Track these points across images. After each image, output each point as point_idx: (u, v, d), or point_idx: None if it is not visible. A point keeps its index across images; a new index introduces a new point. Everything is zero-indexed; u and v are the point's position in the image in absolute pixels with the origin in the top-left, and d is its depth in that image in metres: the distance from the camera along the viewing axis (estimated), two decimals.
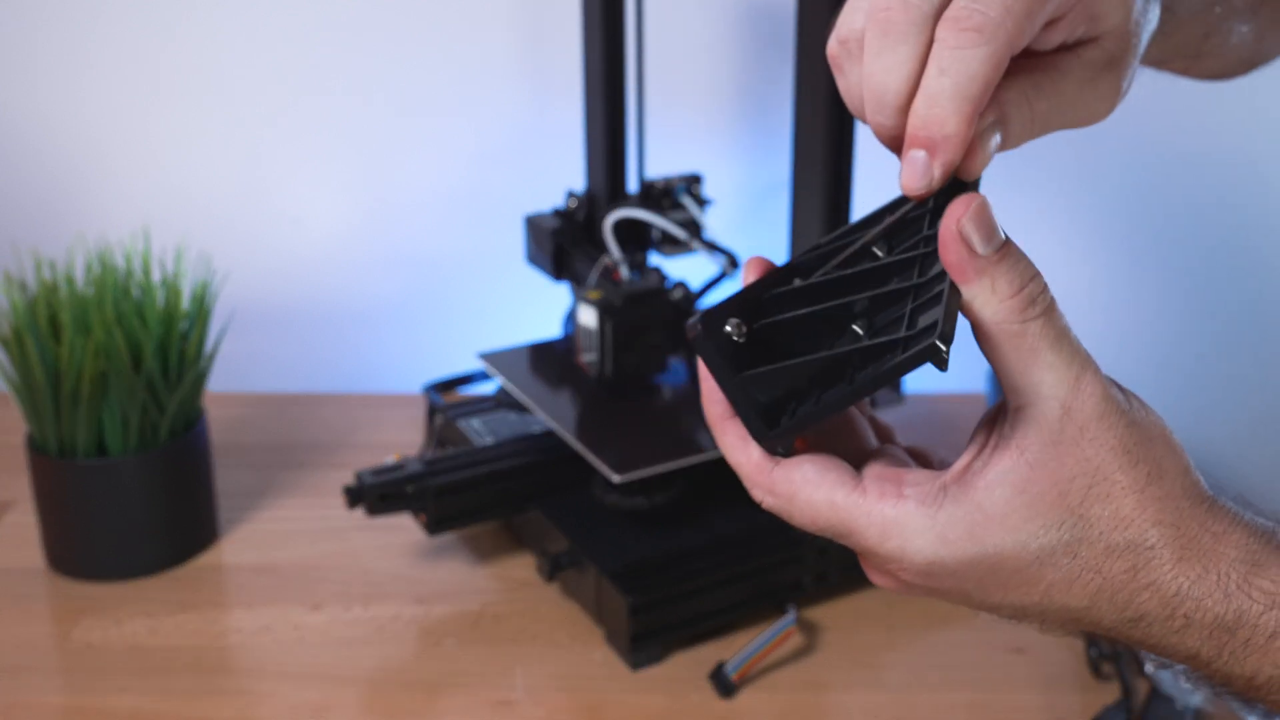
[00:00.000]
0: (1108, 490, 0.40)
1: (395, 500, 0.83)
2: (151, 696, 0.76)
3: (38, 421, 0.84)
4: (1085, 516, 0.40)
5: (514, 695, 0.76)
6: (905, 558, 0.41)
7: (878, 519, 0.41)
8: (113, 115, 1.14)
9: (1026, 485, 0.40)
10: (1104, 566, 0.40)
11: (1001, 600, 0.42)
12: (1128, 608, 0.41)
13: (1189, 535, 0.41)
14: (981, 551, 0.40)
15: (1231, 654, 0.41)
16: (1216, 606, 0.40)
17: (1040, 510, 0.40)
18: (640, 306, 0.86)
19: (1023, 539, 0.40)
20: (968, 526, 0.40)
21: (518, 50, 1.12)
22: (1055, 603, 0.41)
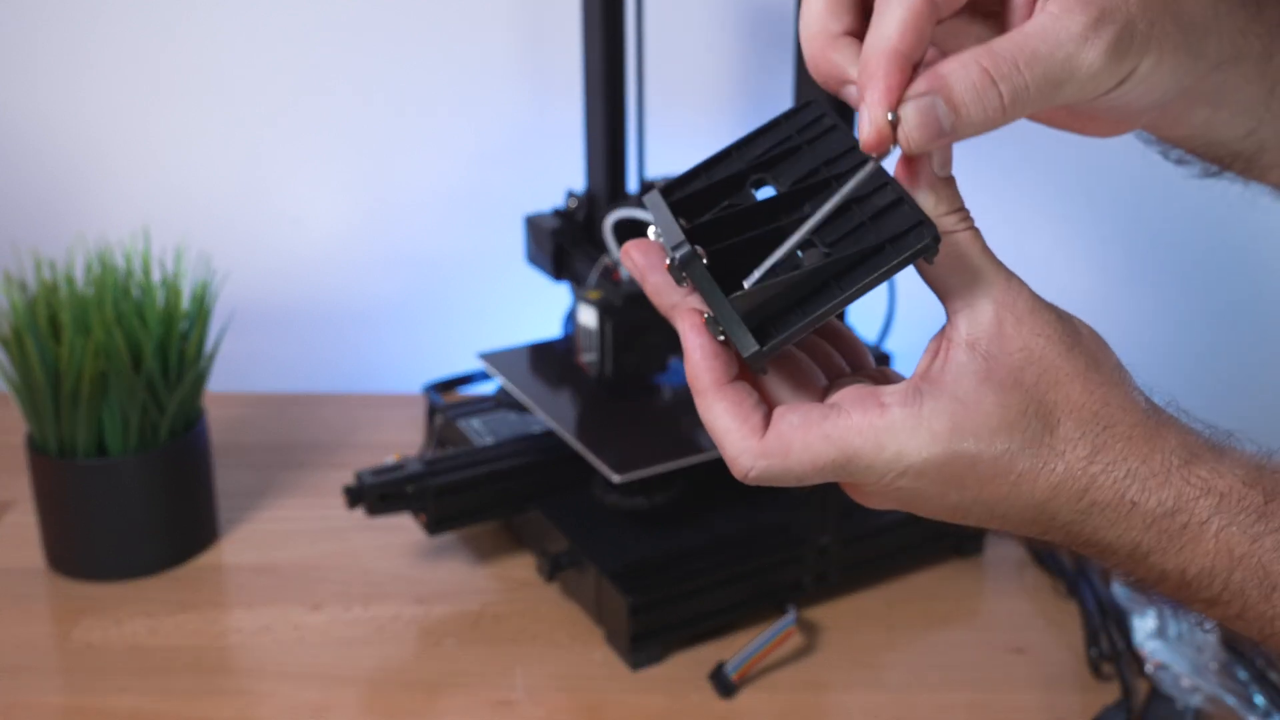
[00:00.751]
0: (1055, 378, 0.43)
1: (395, 500, 0.83)
2: (151, 696, 0.76)
3: (38, 421, 0.84)
4: (1044, 402, 0.43)
5: (514, 695, 0.76)
6: (903, 460, 0.43)
7: (870, 432, 0.42)
8: (113, 115, 1.14)
9: (988, 374, 0.42)
10: (1066, 452, 0.43)
11: (975, 496, 0.44)
12: (1084, 496, 0.43)
13: (1135, 418, 0.43)
14: (963, 443, 0.42)
15: (1169, 541, 0.43)
16: (1160, 490, 0.42)
17: (1005, 398, 0.42)
18: (640, 306, 0.86)
19: (996, 428, 0.42)
20: (950, 417, 0.42)
21: (518, 50, 1.12)
22: (1020, 496, 0.43)
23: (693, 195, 0.46)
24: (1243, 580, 0.42)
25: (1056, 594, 0.85)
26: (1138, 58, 0.43)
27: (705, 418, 0.44)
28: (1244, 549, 0.42)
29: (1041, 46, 0.41)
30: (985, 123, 0.42)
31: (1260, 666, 0.76)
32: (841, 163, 0.45)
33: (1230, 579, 0.42)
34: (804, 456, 0.43)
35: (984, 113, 0.41)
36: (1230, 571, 0.42)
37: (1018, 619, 0.84)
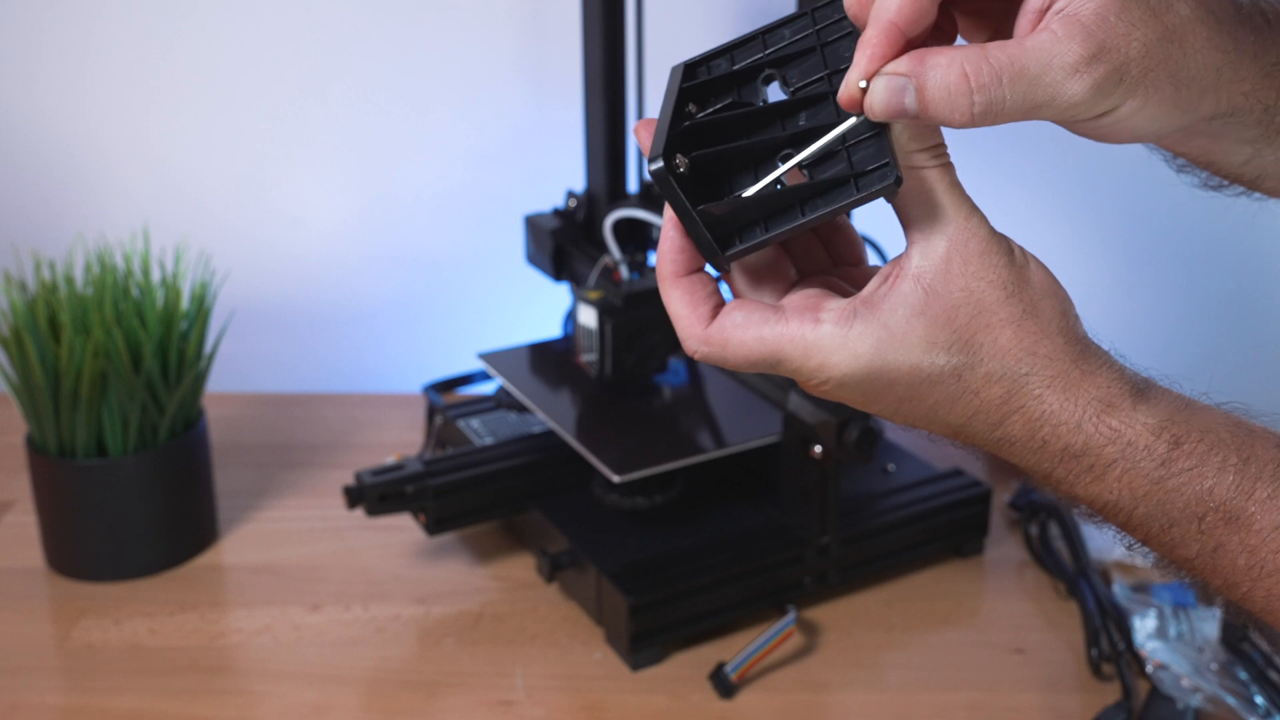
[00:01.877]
0: (988, 321, 0.45)
1: (395, 500, 0.83)
2: (151, 696, 0.76)
3: (37, 422, 0.84)
4: (970, 343, 0.45)
5: (514, 695, 0.76)
6: (824, 372, 0.46)
7: (800, 341, 0.46)
8: (113, 115, 1.14)
9: (924, 308, 0.45)
10: (982, 390, 0.46)
11: (895, 409, 0.48)
12: (998, 428, 0.46)
13: (1058, 368, 0.46)
14: (884, 365, 0.46)
15: (1078, 478, 0.46)
16: (1069, 435, 0.46)
17: (934, 332, 0.45)
18: (640, 306, 0.85)
19: (917, 358, 0.46)
20: (874, 343, 0.45)
21: (518, 50, 1.12)
22: (939, 417, 0.47)
23: (709, 82, 0.48)
24: (1145, 515, 0.46)
25: (1056, 594, 0.85)
26: (1122, 99, 0.44)
27: (665, 302, 0.48)
28: (1145, 489, 0.45)
29: (1032, 66, 0.43)
30: (948, 122, 0.43)
31: (1260, 666, 0.76)
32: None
33: (1134, 513, 0.46)
34: (739, 351, 0.47)
35: (949, 113, 0.43)
36: (1134, 507, 0.46)
37: (1018, 619, 0.83)
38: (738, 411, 0.87)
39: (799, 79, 0.48)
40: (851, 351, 0.46)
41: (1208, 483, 0.45)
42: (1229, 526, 0.45)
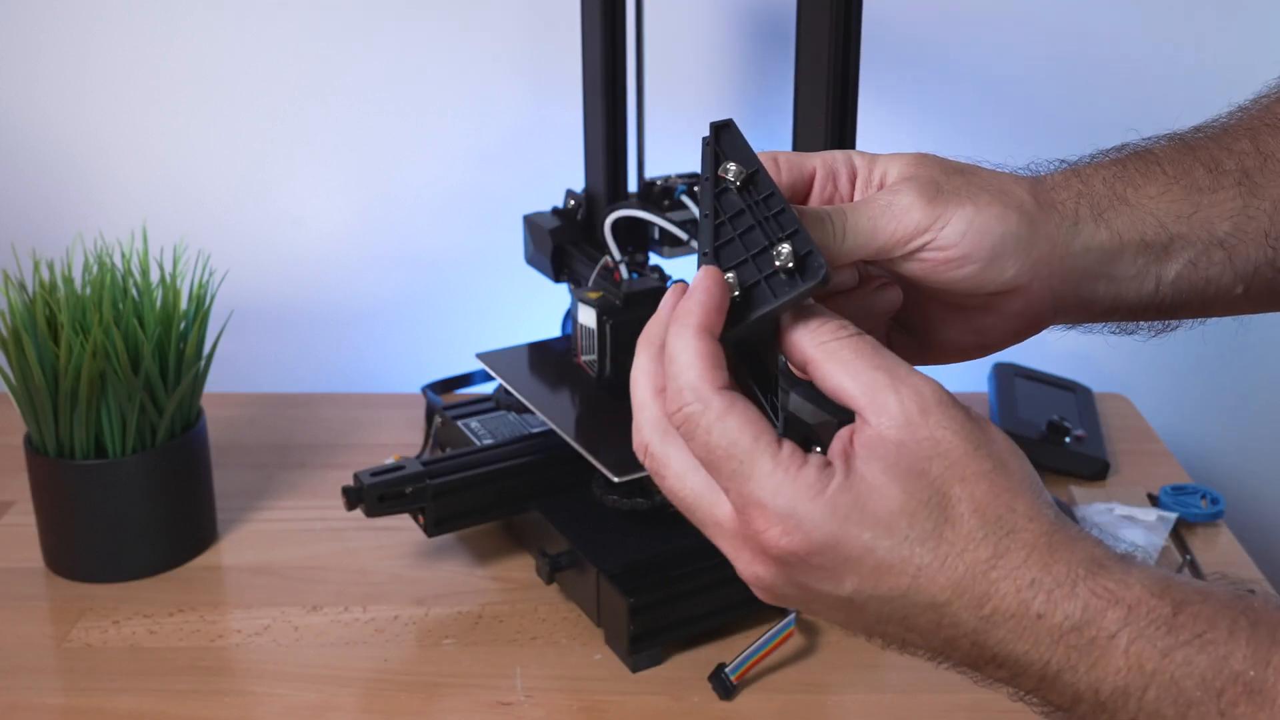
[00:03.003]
0: (961, 473, 0.43)
1: (394, 501, 0.83)
2: (150, 697, 0.75)
3: (36, 422, 0.84)
4: (947, 495, 0.42)
5: (514, 696, 0.75)
6: (794, 517, 0.43)
7: (779, 477, 0.43)
8: (113, 115, 1.14)
9: (896, 459, 0.43)
10: (966, 551, 0.42)
11: (872, 590, 0.43)
12: (985, 603, 0.42)
13: (1040, 529, 0.42)
14: (862, 525, 0.42)
15: (1079, 658, 0.41)
16: (1065, 602, 0.41)
17: (909, 485, 0.42)
18: (640, 306, 0.85)
19: (898, 510, 0.42)
20: (852, 496, 0.42)
21: (518, 50, 1.12)
22: (921, 594, 0.42)
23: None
24: (1157, 699, 0.40)
25: None
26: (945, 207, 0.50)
27: (676, 348, 0.46)
28: (1154, 664, 0.40)
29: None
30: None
31: None
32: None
33: (1145, 698, 0.40)
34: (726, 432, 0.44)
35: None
36: (1144, 690, 0.40)
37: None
38: None
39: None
40: (829, 502, 0.42)
41: (1221, 650, 0.39)
42: (1251, 702, 0.39)
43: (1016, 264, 0.51)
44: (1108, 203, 0.53)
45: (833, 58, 0.70)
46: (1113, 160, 0.56)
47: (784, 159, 0.52)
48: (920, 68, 1.13)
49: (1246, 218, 0.54)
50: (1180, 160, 0.55)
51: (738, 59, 1.13)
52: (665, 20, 1.02)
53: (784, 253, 0.46)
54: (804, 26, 0.71)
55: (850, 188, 0.53)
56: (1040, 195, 0.52)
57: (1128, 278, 0.54)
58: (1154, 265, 0.54)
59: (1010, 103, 1.14)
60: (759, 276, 0.46)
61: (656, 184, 0.93)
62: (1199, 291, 0.55)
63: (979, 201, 0.50)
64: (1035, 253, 0.51)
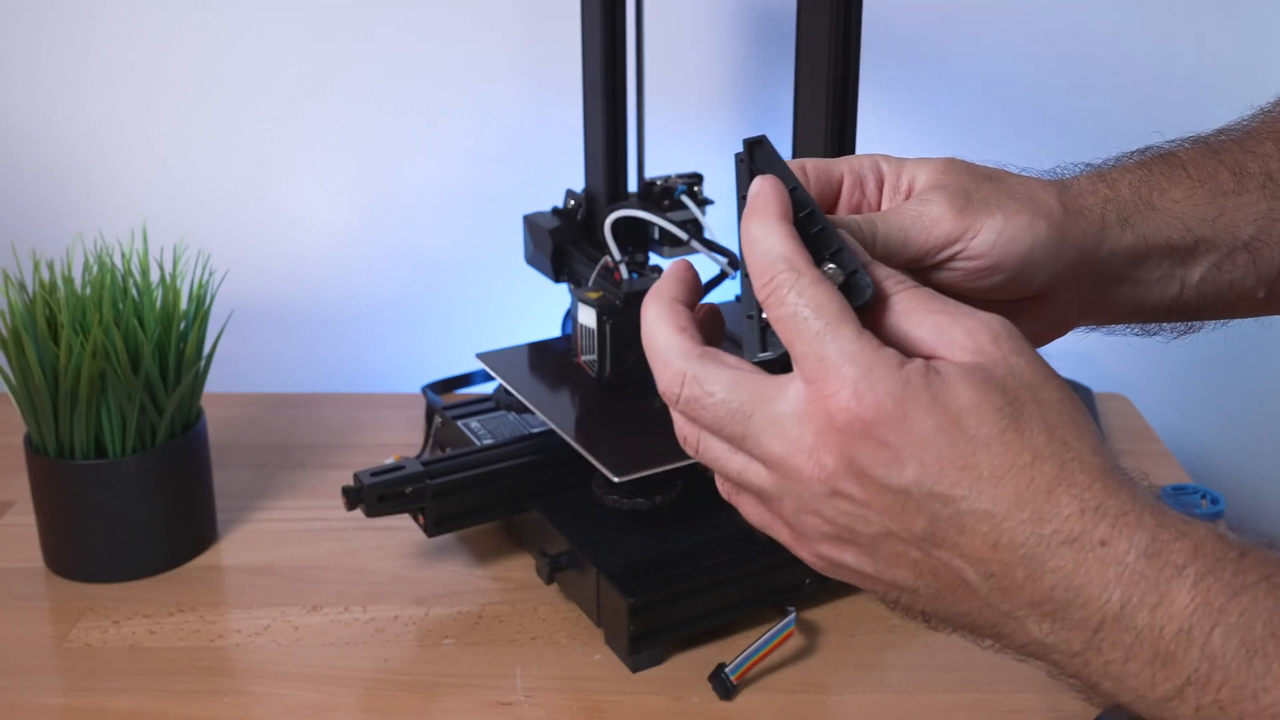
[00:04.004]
0: (1035, 394, 0.42)
1: (394, 501, 0.83)
2: (150, 697, 0.75)
3: (36, 422, 0.84)
4: (1020, 409, 0.42)
5: (514, 696, 0.75)
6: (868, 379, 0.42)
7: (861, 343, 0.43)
8: (113, 115, 1.14)
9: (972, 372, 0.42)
10: (1032, 465, 0.41)
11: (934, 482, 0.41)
12: (1046, 521, 0.40)
13: (1104, 463, 0.42)
14: (934, 400, 0.41)
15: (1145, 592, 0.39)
16: (1131, 531, 0.40)
17: (984, 390, 0.42)
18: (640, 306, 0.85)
19: (969, 404, 0.41)
20: (927, 381, 0.42)
21: (518, 50, 1.12)
22: (981, 499, 0.41)
23: None
24: (1223, 644, 0.38)
25: None
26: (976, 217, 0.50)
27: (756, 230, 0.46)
28: (1222, 601, 0.38)
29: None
30: None
31: None
32: None
33: (1209, 642, 0.38)
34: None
35: None
36: (1210, 631, 0.38)
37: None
38: None
39: None
40: (905, 377, 0.42)
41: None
42: None
43: (1045, 272, 0.51)
44: (1134, 208, 0.54)
45: (833, 58, 0.70)
46: (1138, 164, 0.56)
47: (812, 166, 0.52)
48: (920, 68, 1.13)
49: (1271, 220, 0.55)
50: (1205, 164, 0.56)
51: (738, 59, 1.13)
52: (665, 20, 1.02)
53: (829, 271, 0.45)
54: (804, 26, 0.71)
55: (878, 194, 0.53)
56: (1068, 202, 0.53)
57: (1152, 281, 0.54)
58: (1179, 269, 0.54)
59: (1010, 103, 1.14)
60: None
61: (656, 184, 0.93)
62: (1222, 294, 0.55)
63: (1008, 210, 0.50)
64: (1063, 260, 0.51)
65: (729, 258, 0.89)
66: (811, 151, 0.73)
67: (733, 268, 0.89)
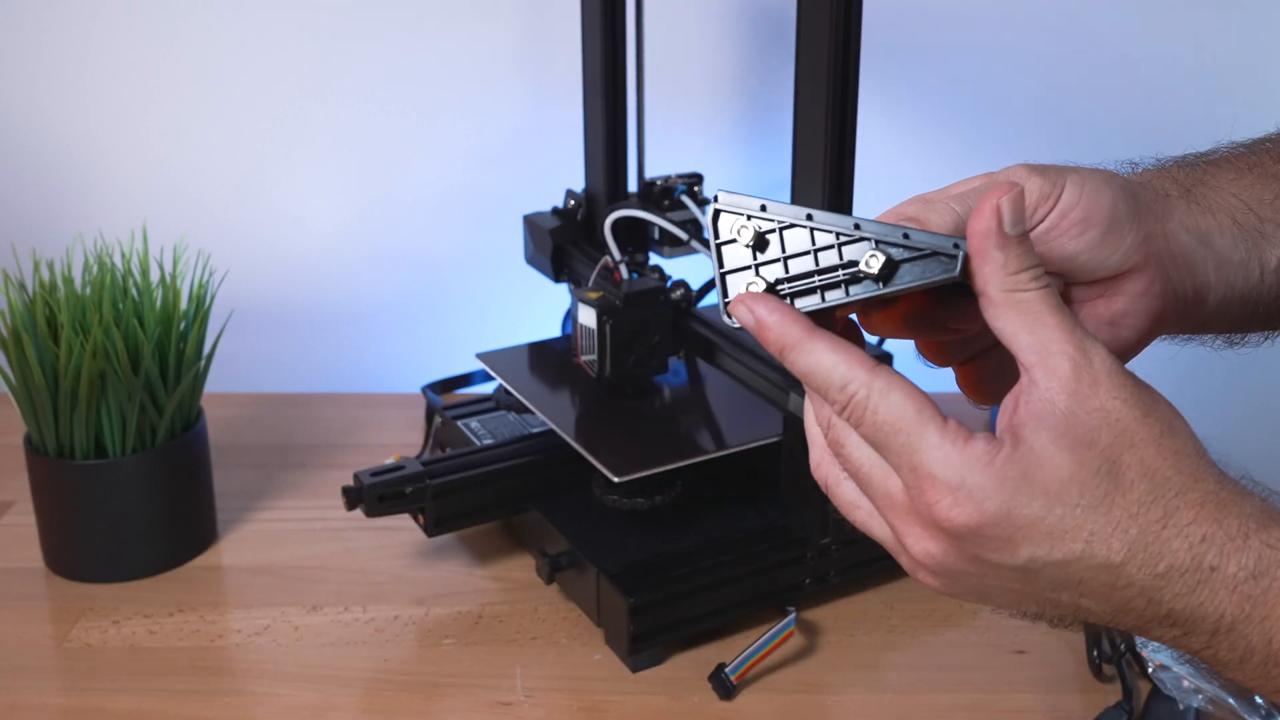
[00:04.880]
0: (1130, 440, 0.43)
1: (394, 501, 0.83)
2: (150, 697, 0.75)
3: (36, 422, 0.84)
4: (1117, 463, 0.43)
5: (514, 696, 0.75)
6: (964, 488, 0.43)
7: (947, 448, 0.44)
8: (113, 115, 1.14)
9: (1065, 430, 0.43)
10: (1139, 514, 0.43)
11: (1047, 555, 0.43)
12: (1159, 560, 0.43)
13: (1208, 487, 0.43)
14: (1032, 489, 0.43)
15: (1254, 608, 0.42)
16: (1239, 554, 0.42)
17: (1080, 454, 0.43)
18: (640, 306, 0.85)
19: (1068, 479, 0.43)
20: (1019, 468, 0.43)
21: (518, 50, 1.12)
22: (1096, 556, 0.43)
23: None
24: None
25: None
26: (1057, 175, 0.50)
27: (806, 362, 0.46)
28: None
29: None
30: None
31: None
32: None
33: None
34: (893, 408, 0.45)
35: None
36: None
37: (1019, 620, 0.83)
38: (738, 411, 0.87)
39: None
40: (998, 473, 0.43)
41: None
42: None
43: (1133, 232, 0.51)
44: (1190, 183, 0.55)
45: (833, 58, 0.70)
46: (1177, 160, 0.57)
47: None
48: (920, 68, 1.13)
49: None
50: (1244, 156, 0.57)
51: (738, 59, 1.13)
52: (665, 20, 1.02)
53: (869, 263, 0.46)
54: (804, 26, 0.71)
55: None
56: (1129, 178, 0.54)
57: (1232, 264, 0.54)
58: (1254, 252, 0.55)
59: (1010, 103, 1.14)
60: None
61: (656, 184, 0.93)
62: None
63: (1080, 173, 0.51)
64: (1144, 224, 0.51)
65: None
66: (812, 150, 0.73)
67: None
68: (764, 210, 0.48)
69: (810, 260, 0.47)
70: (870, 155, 0.81)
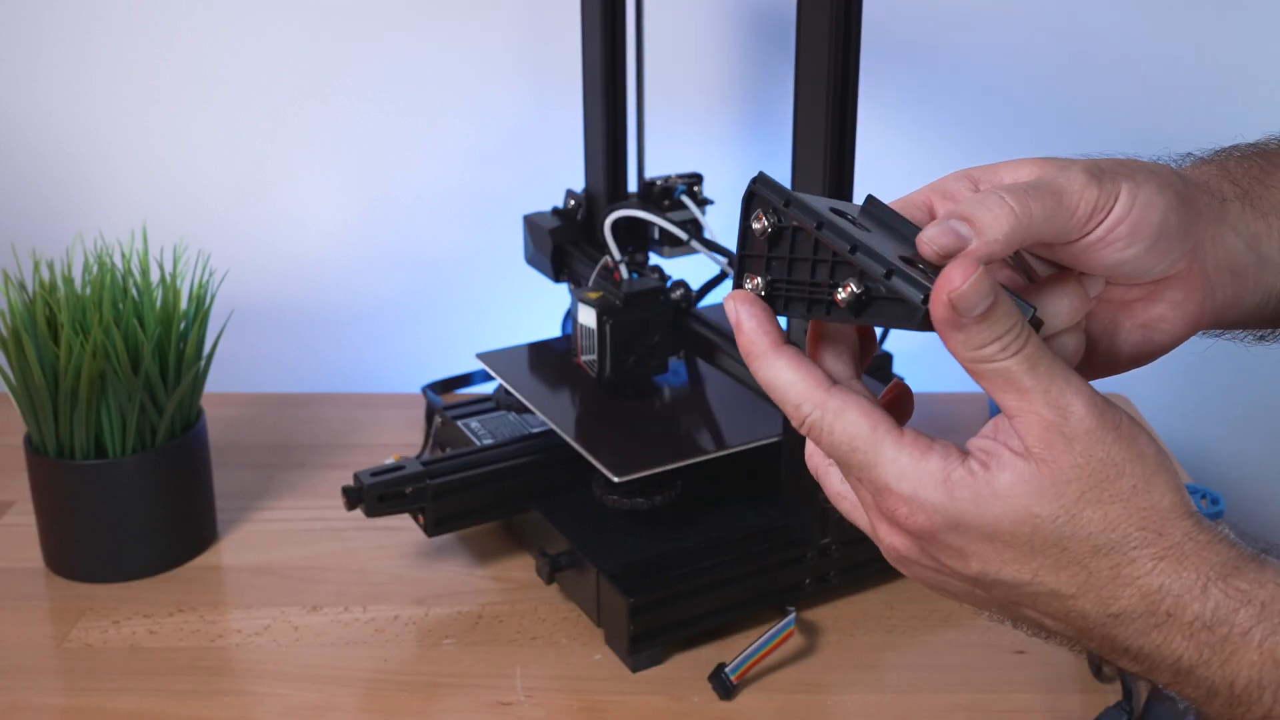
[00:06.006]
0: (1098, 496, 0.44)
1: (394, 501, 0.83)
2: (150, 697, 0.75)
3: (36, 422, 0.84)
4: (1076, 517, 0.44)
5: (514, 696, 0.75)
6: (916, 500, 0.45)
7: (902, 462, 0.45)
8: (113, 115, 1.14)
9: (1033, 478, 0.44)
10: (1089, 563, 0.44)
11: (998, 573, 0.45)
12: (1111, 603, 0.44)
13: (1171, 540, 0.44)
14: (981, 516, 0.44)
15: (1211, 654, 0.43)
16: (1195, 603, 0.43)
17: (1039, 502, 0.44)
18: (640, 306, 0.85)
19: (1020, 518, 0.44)
20: (973, 493, 0.44)
21: (518, 50, 1.12)
22: (1046, 584, 0.45)
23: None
24: None
25: None
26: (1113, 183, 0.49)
27: (767, 376, 0.47)
28: None
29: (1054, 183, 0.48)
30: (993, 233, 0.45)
31: None
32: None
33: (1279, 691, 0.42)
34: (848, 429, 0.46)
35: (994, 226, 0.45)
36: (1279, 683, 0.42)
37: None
38: (738, 411, 0.87)
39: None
40: (948, 491, 0.44)
41: None
42: None
43: (1180, 244, 0.51)
44: (1248, 183, 0.54)
45: (833, 58, 0.70)
46: (1231, 151, 0.57)
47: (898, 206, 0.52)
48: (920, 68, 1.13)
49: None
50: None
51: (738, 59, 1.13)
52: (665, 20, 1.02)
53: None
54: (804, 26, 0.71)
55: None
56: (1185, 175, 0.53)
57: (1273, 265, 0.54)
58: None
59: (1010, 103, 1.14)
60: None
61: (656, 184, 0.93)
62: None
63: (1136, 178, 0.50)
64: (1193, 232, 0.51)
65: (729, 257, 0.89)
66: (812, 150, 0.73)
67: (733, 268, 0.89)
68: (787, 206, 0.48)
69: (808, 269, 0.47)
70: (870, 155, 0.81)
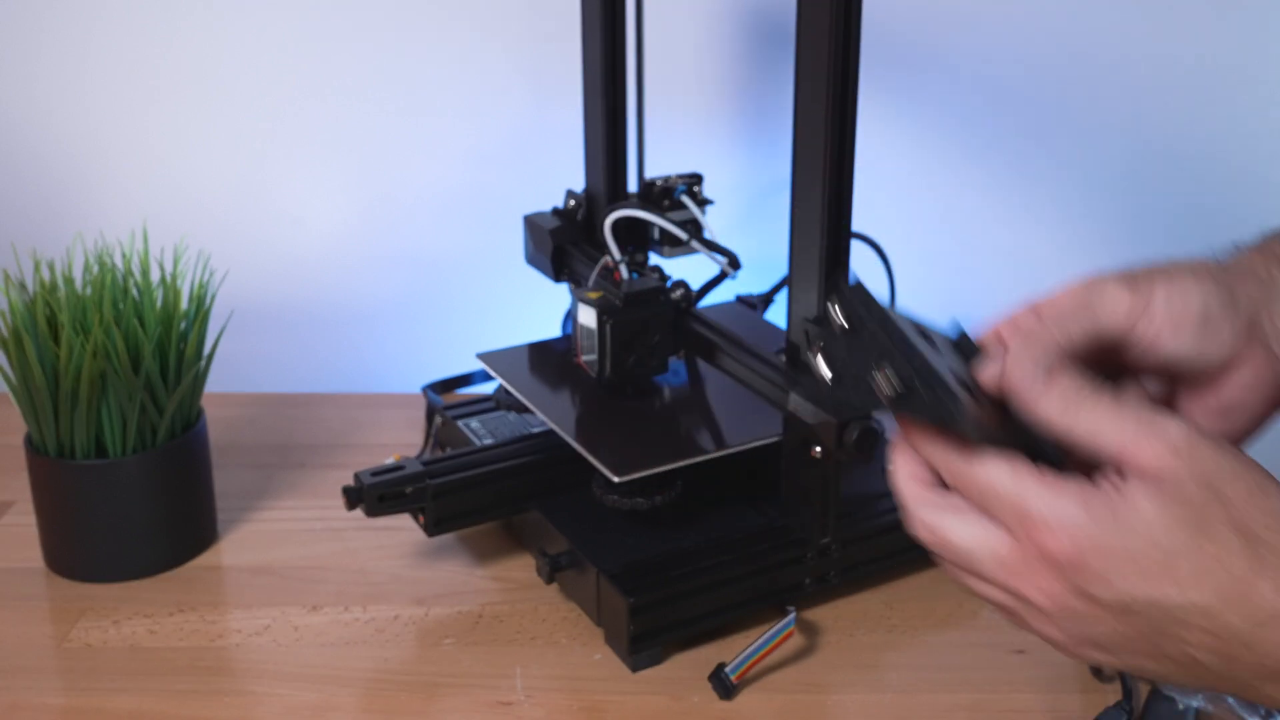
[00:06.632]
0: (1220, 496, 0.46)
1: (394, 501, 0.83)
2: (150, 697, 0.75)
3: (36, 422, 0.84)
4: (1206, 516, 0.46)
5: (514, 696, 0.76)
6: (1060, 522, 0.47)
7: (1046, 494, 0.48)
8: (113, 115, 1.14)
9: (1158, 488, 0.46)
10: (1227, 561, 0.45)
11: (1146, 594, 0.46)
12: (1256, 608, 0.45)
13: None
14: (1120, 530, 0.46)
15: None
16: None
17: (1169, 508, 0.46)
18: (640, 306, 0.85)
19: (1155, 522, 0.46)
20: (1113, 507, 0.46)
21: (518, 50, 1.12)
22: (1190, 598, 0.46)
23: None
24: None
25: None
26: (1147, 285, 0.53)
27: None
28: None
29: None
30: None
31: None
32: None
33: None
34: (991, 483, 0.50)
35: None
36: None
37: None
38: (738, 411, 0.87)
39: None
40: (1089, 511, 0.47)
41: None
42: None
43: (1229, 325, 0.53)
44: None
45: (833, 58, 0.70)
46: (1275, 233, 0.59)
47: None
48: (920, 68, 1.13)
49: None
50: None
51: (738, 59, 1.13)
52: (665, 20, 1.02)
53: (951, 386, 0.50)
54: (804, 26, 0.71)
55: None
56: (1228, 266, 0.55)
57: None
58: None
59: (1010, 103, 1.14)
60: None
61: (656, 184, 0.93)
62: None
63: (1171, 276, 0.53)
64: (1243, 313, 0.54)
65: (729, 258, 0.89)
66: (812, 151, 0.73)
67: (733, 268, 0.89)
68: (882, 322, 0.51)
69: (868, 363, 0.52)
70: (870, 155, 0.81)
